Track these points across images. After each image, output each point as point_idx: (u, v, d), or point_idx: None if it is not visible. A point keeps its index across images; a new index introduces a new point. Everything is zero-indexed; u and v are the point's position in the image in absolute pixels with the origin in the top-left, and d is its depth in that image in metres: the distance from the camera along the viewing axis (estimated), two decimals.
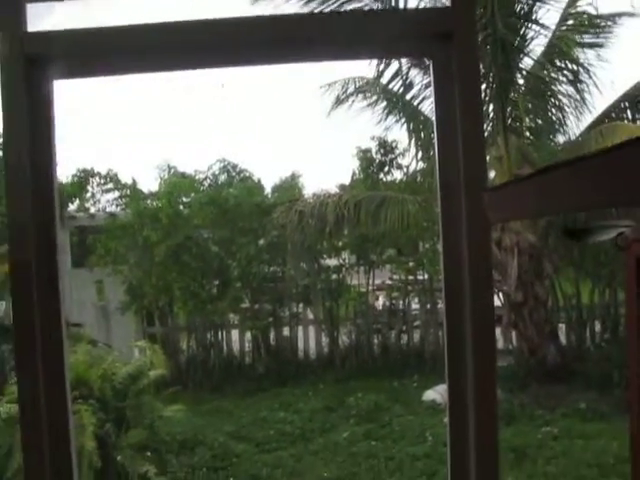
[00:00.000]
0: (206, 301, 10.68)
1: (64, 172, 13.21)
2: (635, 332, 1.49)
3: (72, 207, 13.73)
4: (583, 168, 0.96)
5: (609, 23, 9.71)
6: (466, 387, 2.17)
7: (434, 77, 2.12)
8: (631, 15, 9.71)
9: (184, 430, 8.21)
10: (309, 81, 12.78)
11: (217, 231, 10.79)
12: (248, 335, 10.90)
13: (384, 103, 10.58)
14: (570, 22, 10.04)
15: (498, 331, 10.25)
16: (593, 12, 9.81)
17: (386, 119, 10.62)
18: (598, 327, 10.85)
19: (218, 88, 13.03)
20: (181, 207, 10.99)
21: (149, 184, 11.47)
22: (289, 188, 12.19)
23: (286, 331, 10.97)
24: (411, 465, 7.45)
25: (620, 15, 9.69)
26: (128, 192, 12.06)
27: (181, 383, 9.86)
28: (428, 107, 10.25)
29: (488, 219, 1.56)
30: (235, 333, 10.97)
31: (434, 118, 2.21)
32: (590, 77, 9.82)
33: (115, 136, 15.30)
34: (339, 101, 10.59)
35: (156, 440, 7.56)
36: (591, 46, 9.82)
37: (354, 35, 1.95)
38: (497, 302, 10.43)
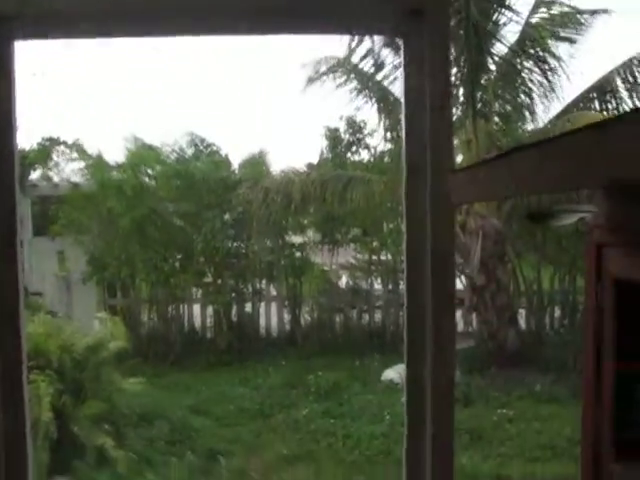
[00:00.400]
0: (169, 274, 10.61)
1: (28, 139, 12.99)
2: (592, 318, 1.51)
3: (35, 176, 13.52)
4: (548, 150, 0.96)
5: (587, 18, 9.80)
6: (424, 368, 2.18)
7: (404, 56, 2.11)
8: (605, 11, 9.84)
9: (143, 403, 8.16)
10: (282, 58, 12.67)
11: (182, 205, 10.70)
12: (210, 310, 10.87)
13: (354, 83, 10.55)
14: (543, 9, 10.09)
15: (459, 314, 10.35)
16: (566, 1, 9.90)
17: (356, 99, 10.60)
18: (558, 313, 10.98)
19: (188, 59, 12.85)
20: (146, 179, 10.88)
21: (115, 155, 11.26)
22: (256, 164, 12.09)
23: (248, 307, 10.95)
24: (369, 443, 7.51)
25: (596, 12, 9.79)
26: (93, 162, 11.88)
27: (141, 356, 9.80)
28: (398, 88, 10.24)
29: (452, 201, 1.56)
30: (197, 307, 10.93)
31: (402, 98, 2.20)
32: (561, 67, 9.90)
33: (82, 105, 15.04)
34: (311, 80, 10.55)
35: (114, 413, 7.52)
36: (566, 40, 9.90)
37: (324, 9, 1.93)
38: (459, 285, 10.52)
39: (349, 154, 11.93)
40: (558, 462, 6.92)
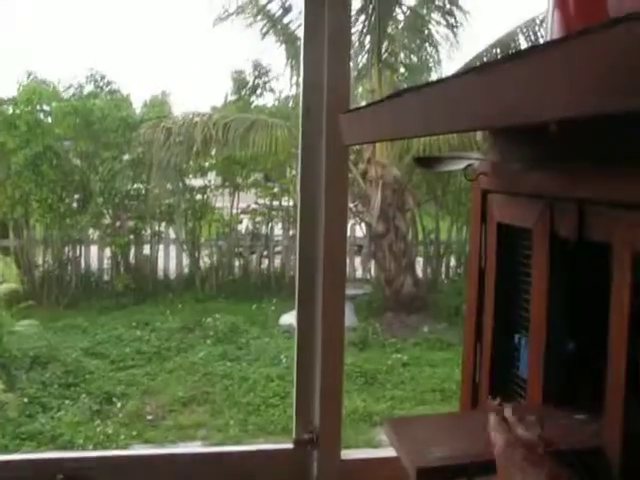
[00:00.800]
0: (65, 215, 10.31)
1: None
2: (476, 261, 1.55)
3: None
4: (428, 94, 0.96)
5: None
6: (315, 311, 2.20)
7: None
8: None
9: (36, 346, 8.02)
10: None
11: (80, 143, 10.36)
12: (107, 252, 10.65)
13: (261, 24, 10.39)
14: None
15: (358, 261, 10.51)
16: None
17: (262, 41, 10.46)
18: (453, 262, 11.26)
19: None
20: (42, 115, 10.45)
21: (7, 90, 10.73)
22: (158, 105, 11.79)
23: (147, 249, 10.78)
24: (265, 386, 7.62)
25: None
26: None
27: (35, 298, 9.57)
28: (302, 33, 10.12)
29: (343, 141, 1.56)
30: (94, 249, 10.69)
31: (302, 39, 2.18)
32: (467, 20, 10.04)
33: None
34: (219, 20, 10.34)
35: (5, 356, 7.37)
36: None
37: None
38: (359, 233, 10.67)
39: (254, 97, 11.76)
40: (447, 404, 7.20)
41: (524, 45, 9.69)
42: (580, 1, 1.10)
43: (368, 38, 9.83)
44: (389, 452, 2.13)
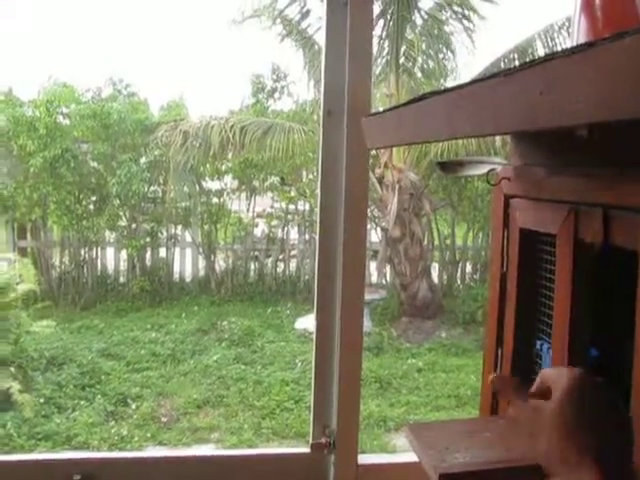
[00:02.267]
0: (82, 217, 10.37)
1: None
2: (498, 267, 1.54)
3: None
4: (451, 98, 0.96)
5: None
6: (334, 316, 2.20)
7: (327, 1, 2.09)
8: None
9: (53, 347, 8.07)
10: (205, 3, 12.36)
11: (97, 146, 10.41)
12: (124, 254, 10.70)
13: (279, 28, 10.42)
14: None
15: (373, 266, 10.50)
16: None
17: (280, 45, 10.49)
18: (469, 268, 11.23)
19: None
20: (60, 118, 10.51)
21: (27, 92, 10.78)
22: (176, 108, 11.82)
23: (163, 252, 10.82)
24: (279, 389, 7.61)
25: None
26: (3, 98, 11.35)
27: (52, 299, 9.65)
28: (322, 37, 10.15)
29: (366, 146, 1.56)
30: (110, 251, 10.74)
31: (323, 42, 2.18)
32: (484, 26, 10.05)
33: None
34: (236, 24, 10.40)
35: (21, 356, 7.40)
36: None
37: None
38: (375, 238, 10.66)
39: (271, 101, 11.76)
40: (462, 410, 7.17)
41: (542, 51, 9.68)
42: (607, 5, 1.09)
43: (387, 43, 9.83)
44: (406, 457, 2.12)
